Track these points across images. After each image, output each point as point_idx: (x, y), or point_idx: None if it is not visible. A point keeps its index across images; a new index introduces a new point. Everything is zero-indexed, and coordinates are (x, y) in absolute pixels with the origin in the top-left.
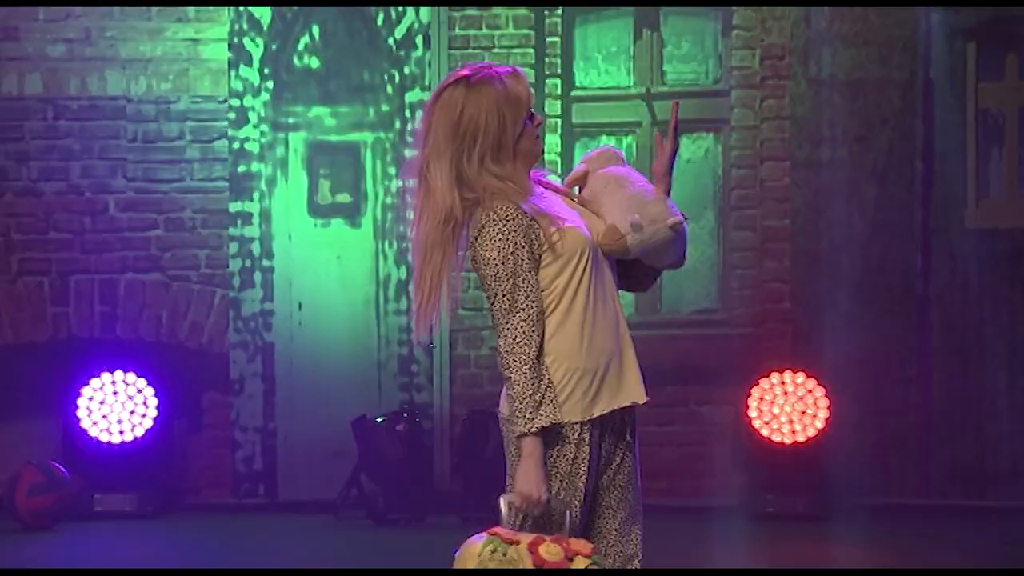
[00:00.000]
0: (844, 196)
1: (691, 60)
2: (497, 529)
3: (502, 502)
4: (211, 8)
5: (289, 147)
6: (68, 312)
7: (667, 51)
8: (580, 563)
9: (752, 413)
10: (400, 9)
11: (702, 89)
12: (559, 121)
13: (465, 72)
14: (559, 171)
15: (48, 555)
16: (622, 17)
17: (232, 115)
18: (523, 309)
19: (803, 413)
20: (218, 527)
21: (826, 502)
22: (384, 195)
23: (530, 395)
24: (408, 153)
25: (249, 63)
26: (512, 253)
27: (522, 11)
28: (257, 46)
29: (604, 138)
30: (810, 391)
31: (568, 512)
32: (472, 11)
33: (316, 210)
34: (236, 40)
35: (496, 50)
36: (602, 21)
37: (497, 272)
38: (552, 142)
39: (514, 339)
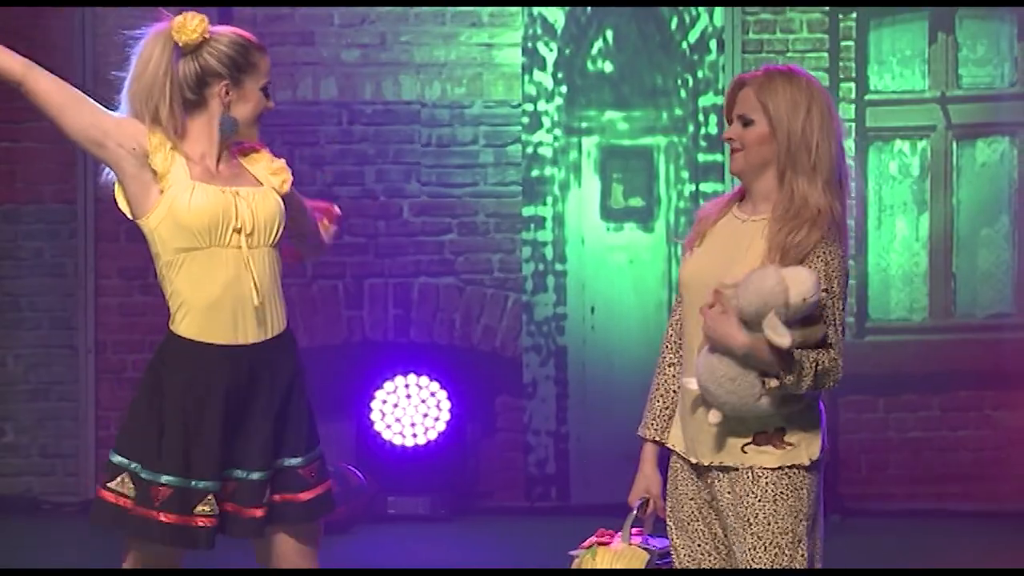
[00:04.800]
0: None
1: (986, 63)
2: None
3: None
4: (505, 13)
5: (582, 151)
6: (362, 315)
7: (962, 54)
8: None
9: None
10: (694, 13)
11: (998, 92)
12: (853, 125)
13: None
14: (852, 174)
15: (346, 556)
16: (917, 20)
17: (526, 119)
18: None
19: None
20: (510, 530)
21: None
22: (677, 199)
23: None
24: (701, 157)
25: (543, 67)
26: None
27: (816, 15)
28: (551, 50)
29: (898, 142)
30: None
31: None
32: (766, 15)
33: (609, 214)
34: (530, 45)
35: (790, 54)
36: (897, 24)
37: None
38: (847, 146)
39: None
